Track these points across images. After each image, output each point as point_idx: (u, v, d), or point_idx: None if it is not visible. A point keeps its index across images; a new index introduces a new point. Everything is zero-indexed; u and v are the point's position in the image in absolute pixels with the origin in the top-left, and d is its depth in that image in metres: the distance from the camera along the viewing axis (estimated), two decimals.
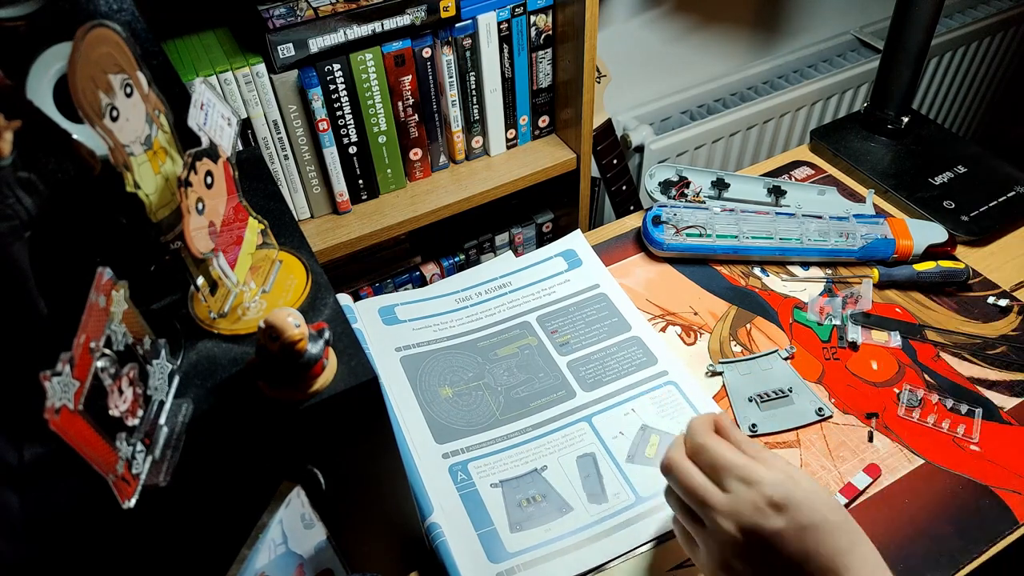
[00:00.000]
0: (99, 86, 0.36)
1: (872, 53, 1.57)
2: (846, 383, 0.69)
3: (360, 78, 0.91)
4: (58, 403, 0.31)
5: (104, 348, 0.35)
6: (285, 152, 0.93)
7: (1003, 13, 1.62)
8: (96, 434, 0.34)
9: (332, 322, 0.46)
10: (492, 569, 0.56)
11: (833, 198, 0.86)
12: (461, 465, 0.63)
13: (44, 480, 0.37)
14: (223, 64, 0.84)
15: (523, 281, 0.80)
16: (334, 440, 0.45)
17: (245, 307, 0.47)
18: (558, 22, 1.01)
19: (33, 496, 0.37)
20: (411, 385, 0.69)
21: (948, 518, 0.58)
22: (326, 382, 0.42)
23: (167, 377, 0.42)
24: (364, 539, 0.53)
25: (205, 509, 0.41)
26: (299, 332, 0.40)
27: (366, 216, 1.01)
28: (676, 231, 0.80)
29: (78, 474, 0.34)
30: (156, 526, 0.39)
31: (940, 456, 0.63)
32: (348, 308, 0.74)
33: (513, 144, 1.11)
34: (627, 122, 1.40)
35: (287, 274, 0.50)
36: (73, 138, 0.40)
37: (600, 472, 0.62)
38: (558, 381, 0.70)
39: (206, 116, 0.43)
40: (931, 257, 0.79)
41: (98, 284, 0.35)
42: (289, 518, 0.42)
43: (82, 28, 0.35)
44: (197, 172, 0.42)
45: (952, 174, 0.89)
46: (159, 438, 0.39)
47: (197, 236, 0.42)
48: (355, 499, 0.49)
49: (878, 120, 0.95)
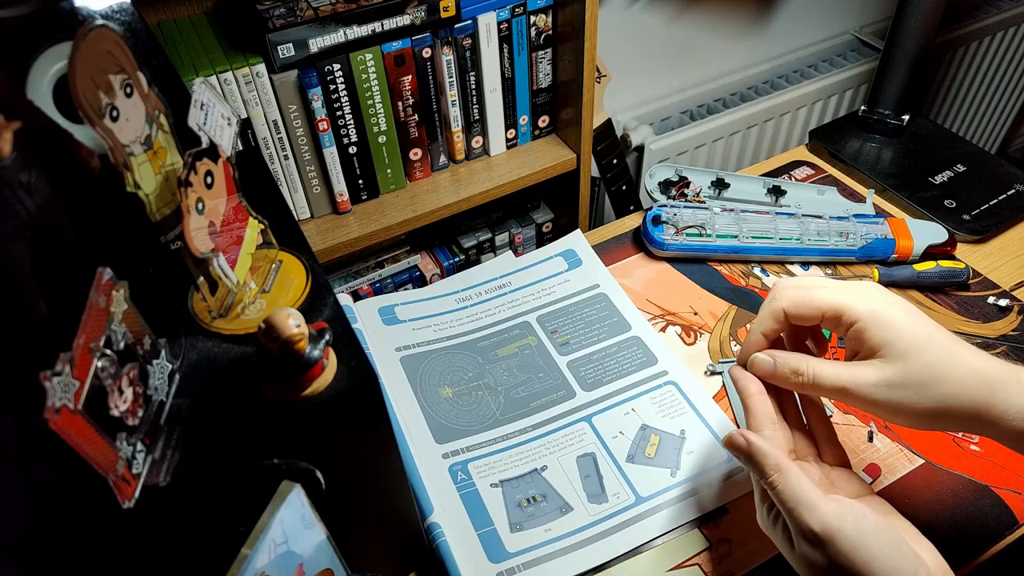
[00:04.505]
0: (99, 86, 0.36)
1: (872, 53, 1.57)
2: None
3: (360, 78, 0.91)
4: (58, 403, 0.31)
5: (104, 348, 0.35)
6: (285, 152, 0.94)
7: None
8: (96, 434, 0.34)
9: (332, 322, 0.46)
10: (492, 569, 0.56)
11: (833, 198, 0.86)
12: (461, 465, 0.63)
13: (44, 480, 0.37)
14: (223, 64, 0.84)
15: (523, 281, 0.80)
16: (334, 440, 0.45)
17: (245, 307, 0.47)
18: (558, 22, 1.02)
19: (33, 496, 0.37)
20: (411, 385, 0.69)
21: (948, 518, 0.58)
22: (326, 382, 0.42)
23: (167, 377, 0.42)
24: (364, 539, 0.53)
25: (205, 509, 0.41)
26: (299, 332, 0.40)
27: (366, 216, 1.01)
28: (676, 231, 0.80)
29: (78, 474, 0.34)
30: (156, 526, 0.39)
31: (940, 456, 0.63)
32: (348, 308, 0.74)
33: (513, 144, 1.11)
34: (627, 122, 1.40)
35: (287, 274, 0.50)
36: (73, 138, 0.40)
37: (600, 472, 0.62)
38: (558, 381, 0.70)
39: (206, 116, 0.43)
40: (931, 257, 0.79)
41: (98, 284, 0.35)
42: (289, 518, 0.42)
43: (82, 28, 0.35)
44: (197, 172, 0.42)
45: (952, 173, 0.89)
46: (159, 438, 0.39)
47: (197, 236, 0.42)
48: (355, 499, 0.49)
49: (877, 120, 0.95)
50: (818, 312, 0.48)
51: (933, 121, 1.03)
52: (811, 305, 0.49)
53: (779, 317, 0.50)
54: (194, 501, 0.40)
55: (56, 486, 0.36)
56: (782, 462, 0.45)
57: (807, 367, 0.48)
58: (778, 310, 0.50)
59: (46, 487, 0.36)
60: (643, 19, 1.33)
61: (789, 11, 1.49)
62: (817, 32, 1.58)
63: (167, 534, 0.40)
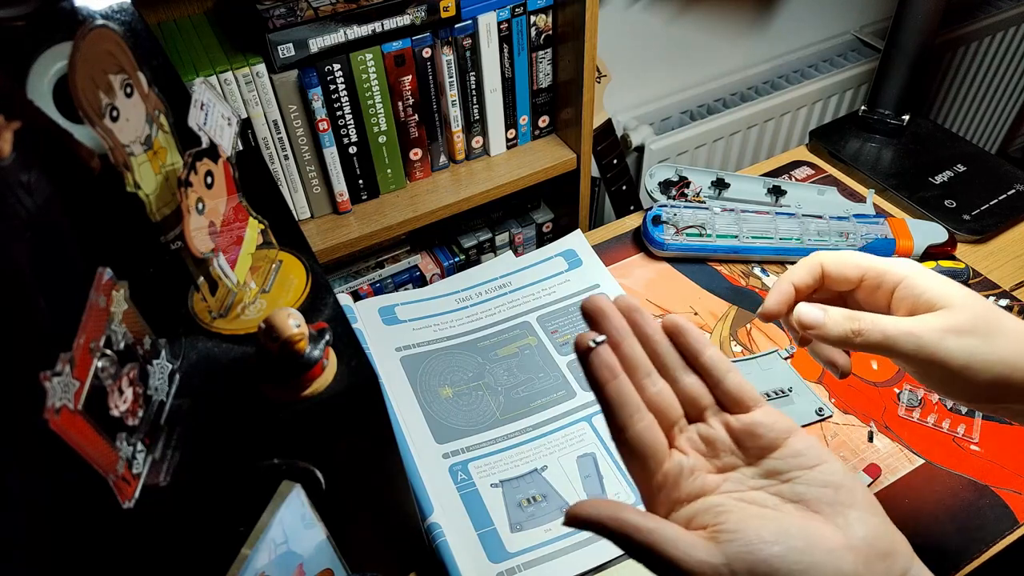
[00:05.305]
0: (99, 86, 0.36)
1: (872, 53, 1.57)
2: (846, 383, 0.69)
3: (360, 78, 0.91)
4: (58, 403, 0.31)
5: (104, 348, 0.35)
6: (285, 152, 0.93)
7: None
8: (96, 434, 0.34)
9: (332, 322, 0.46)
10: (492, 569, 0.56)
11: (833, 198, 0.86)
12: (461, 465, 0.63)
13: (44, 480, 0.37)
14: (223, 64, 0.84)
15: (523, 281, 0.80)
16: (334, 440, 0.45)
17: (245, 307, 0.47)
18: (558, 22, 1.01)
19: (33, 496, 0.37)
20: (411, 385, 0.69)
21: (948, 518, 0.59)
22: (326, 382, 0.42)
23: (167, 377, 0.42)
24: (364, 539, 0.53)
25: (205, 509, 0.41)
26: (299, 332, 0.40)
27: (366, 216, 1.01)
28: (676, 231, 0.80)
29: (78, 474, 0.34)
30: (156, 526, 0.39)
31: (940, 456, 0.63)
32: (348, 308, 0.74)
33: (513, 144, 1.11)
34: (627, 122, 1.40)
35: (287, 274, 0.50)
36: (73, 138, 0.40)
37: (600, 472, 0.62)
38: (558, 381, 0.70)
39: (206, 116, 0.43)
40: (931, 257, 0.79)
41: (98, 284, 0.35)
42: (289, 518, 0.42)
43: (82, 28, 0.35)
44: (197, 172, 0.42)
45: (952, 173, 0.89)
46: (159, 438, 0.39)
47: (197, 236, 0.42)
48: (355, 499, 0.49)
49: (877, 120, 0.95)
50: (859, 271, 0.45)
51: (933, 121, 1.03)
52: (852, 262, 0.45)
53: (816, 272, 0.46)
54: (194, 501, 0.40)
55: (56, 486, 0.36)
56: (641, 524, 0.36)
57: (864, 316, 0.43)
58: (816, 264, 0.46)
59: (46, 487, 0.36)
60: (643, 19, 1.33)
61: (789, 11, 1.49)
62: (817, 32, 1.58)
63: (167, 534, 0.40)
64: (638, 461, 0.38)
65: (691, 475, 0.38)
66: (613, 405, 0.37)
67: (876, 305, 0.46)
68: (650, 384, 0.39)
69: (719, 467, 0.38)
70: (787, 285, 0.46)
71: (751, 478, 0.37)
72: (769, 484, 0.37)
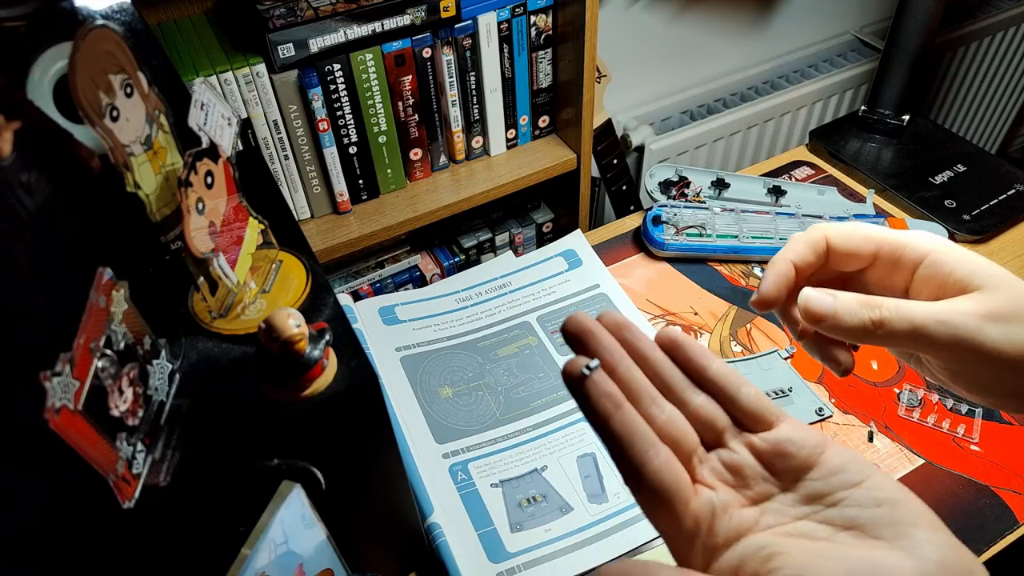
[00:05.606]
0: (99, 86, 0.36)
1: (872, 53, 1.57)
2: (846, 383, 0.69)
3: (360, 78, 0.91)
4: (58, 403, 0.31)
5: (104, 348, 0.35)
6: (285, 152, 0.93)
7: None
8: (96, 434, 0.34)
9: (332, 322, 0.46)
10: (492, 569, 0.56)
11: (833, 198, 0.86)
12: (461, 465, 0.63)
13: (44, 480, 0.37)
14: (223, 64, 0.84)
15: (523, 281, 0.80)
16: (334, 440, 0.45)
17: (245, 307, 0.47)
18: (558, 22, 1.01)
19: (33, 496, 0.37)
20: (411, 385, 0.69)
21: (948, 518, 0.58)
22: (326, 382, 0.42)
23: (167, 377, 0.42)
24: (364, 539, 0.53)
25: (205, 509, 0.41)
26: (299, 332, 0.39)
27: (366, 216, 1.01)
28: (676, 231, 0.80)
29: (78, 474, 0.34)
30: (156, 526, 0.39)
31: (940, 456, 0.63)
32: (348, 308, 0.74)
33: (513, 144, 1.11)
34: (627, 122, 1.40)
35: (287, 274, 0.50)
36: (73, 138, 0.40)
37: (600, 472, 0.62)
38: (558, 381, 0.69)
39: (206, 116, 0.43)
40: None
41: (98, 284, 0.35)
42: (289, 518, 0.42)
43: (82, 28, 0.35)
44: (197, 172, 0.42)
45: (952, 173, 0.89)
46: (159, 438, 0.39)
47: (197, 236, 0.42)
48: (355, 499, 0.49)
49: (877, 120, 0.95)
50: (872, 244, 0.37)
51: (933, 121, 1.03)
52: (863, 234, 0.37)
53: (819, 247, 0.38)
54: (194, 501, 0.40)
55: (56, 486, 0.36)
56: None
57: (886, 302, 0.35)
58: (819, 238, 0.38)
59: (46, 487, 0.36)
60: (643, 19, 1.33)
61: (789, 11, 1.49)
62: (817, 32, 1.58)
63: (167, 534, 0.40)
64: (663, 506, 0.31)
65: (725, 513, 0.31)
66: (623, 442, 0.31)
67: (891, 288, 0.38)
68: (658, 411, 0.32)
69: (752, 498, 0.32)
70: (785, 265, 0.38)
71: (792, 506, 0.31)
72: (814, 511, 0.31)
